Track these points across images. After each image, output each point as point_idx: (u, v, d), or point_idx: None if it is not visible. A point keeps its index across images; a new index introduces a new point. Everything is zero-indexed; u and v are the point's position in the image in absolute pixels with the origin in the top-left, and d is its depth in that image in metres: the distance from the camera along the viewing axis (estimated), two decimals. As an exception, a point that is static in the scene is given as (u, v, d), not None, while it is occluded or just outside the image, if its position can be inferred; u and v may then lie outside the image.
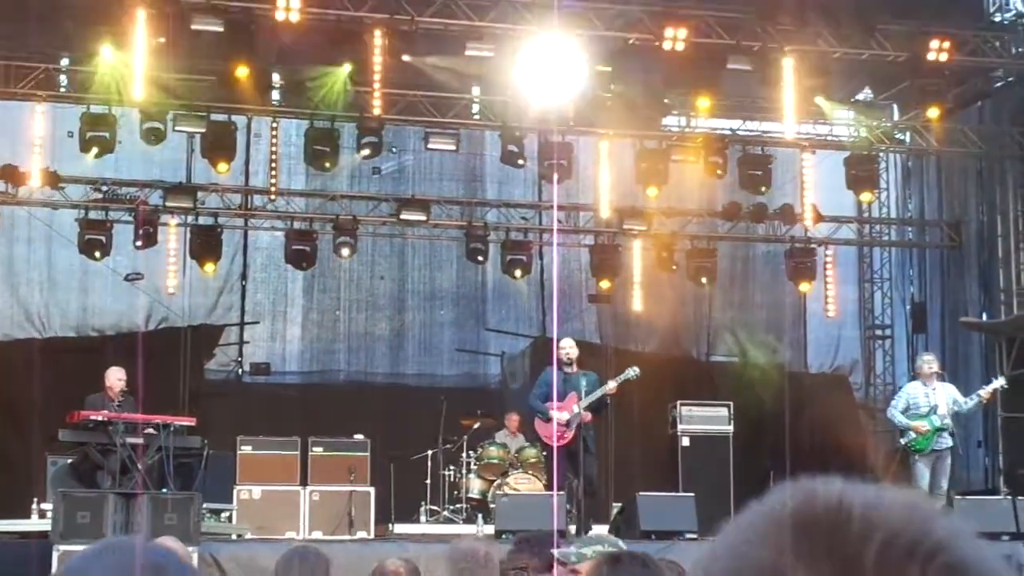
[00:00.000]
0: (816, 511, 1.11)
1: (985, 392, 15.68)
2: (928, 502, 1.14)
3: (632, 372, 15.27)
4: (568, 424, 14.94)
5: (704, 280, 22.02)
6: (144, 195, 20.76)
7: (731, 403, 18.22)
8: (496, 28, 18.39)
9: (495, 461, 17.58)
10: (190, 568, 2.08)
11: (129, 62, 17.87)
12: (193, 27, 17.52)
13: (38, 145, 19.61)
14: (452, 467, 17.92)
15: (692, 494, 15.47)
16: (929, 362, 15.77)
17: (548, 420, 15.07)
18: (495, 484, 17.18)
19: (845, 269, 23.94)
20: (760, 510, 1.14)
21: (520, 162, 20.73)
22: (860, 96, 23.06)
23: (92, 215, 20.40)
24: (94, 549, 2.01)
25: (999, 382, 16.00)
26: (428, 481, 17.85)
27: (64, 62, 19.88)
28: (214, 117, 19.67)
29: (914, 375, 16.83)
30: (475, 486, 17.60)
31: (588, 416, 14.96)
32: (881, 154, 22.90)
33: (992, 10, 21.25)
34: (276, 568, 6.31)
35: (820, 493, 1.13)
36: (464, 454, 17.75)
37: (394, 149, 21.87)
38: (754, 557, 1.09)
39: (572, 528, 14.53)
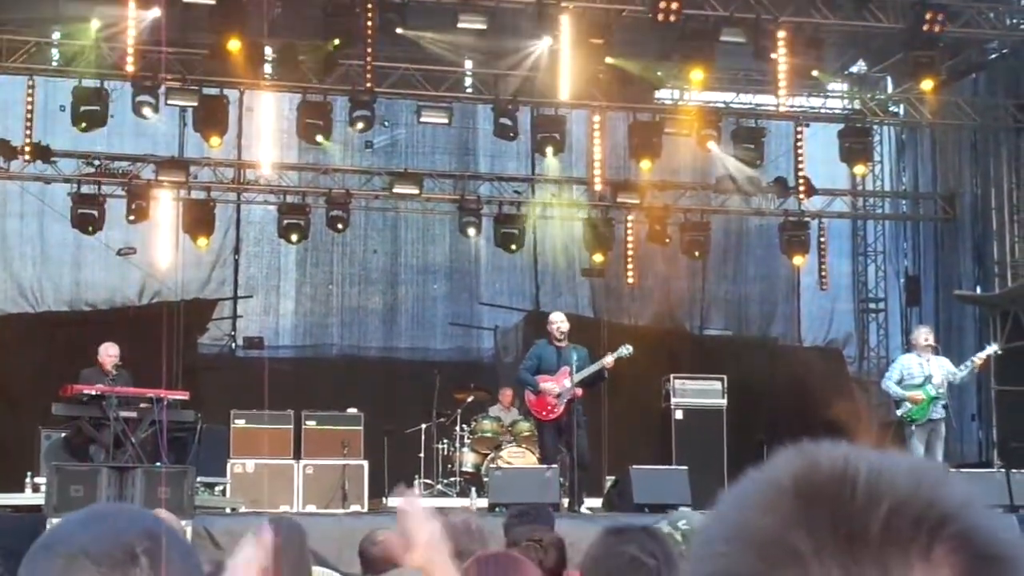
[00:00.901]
0: (820, 478, 1.07)
1: (978, 358, 15.68)
2: (935, 468, 1.11)
3: (625, 350, 15.21)
4: (559, 397, 14.92)
5: (697, 253, 22.01)
6: (136, 169, 20.72)
7: (724, 376, 18.21)
8: (489, 1, 18.33)
9: (488, 435, 17.59)
10: (182, 536, 2.06)
11: (120, 36, 17.81)
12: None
13: (30, 119, 19.55)
14: (445, 440, 17.92)
15: (685, 467, 15.46)
16: (925, 334, 15.76)
17: (537, 393, 15.05)
18: (488, 458, 17.19)
19: (839, 242, 23.93)
20: (761, 477, 1.11)
21: (512, 135, 20.69)
22: (854, 68, 23.06)
23: (84, 189, 20.35)
24: (82, 514, 1.99)
25: (992, 348, 16.01)
26: (422, 455, 17.85)
27: (56, 36, 19.81)
28: (206, 91, 19.61)
29: (908, 347, 16.82)
30: (469, 459, 17.60)
31: (579, 391, 14.94)
32: (875, 127, 22.87)
33: (986, -18, 21.21)
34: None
35: (823, 460, 1.09)
36: (457, 428, 17.75)
37: (386, 123, 21.81)
38: (756, 526, 1.06)
39: (565, 501, 14.54)
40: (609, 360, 15.07)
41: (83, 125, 19.13)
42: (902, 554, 1.03)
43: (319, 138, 20.08)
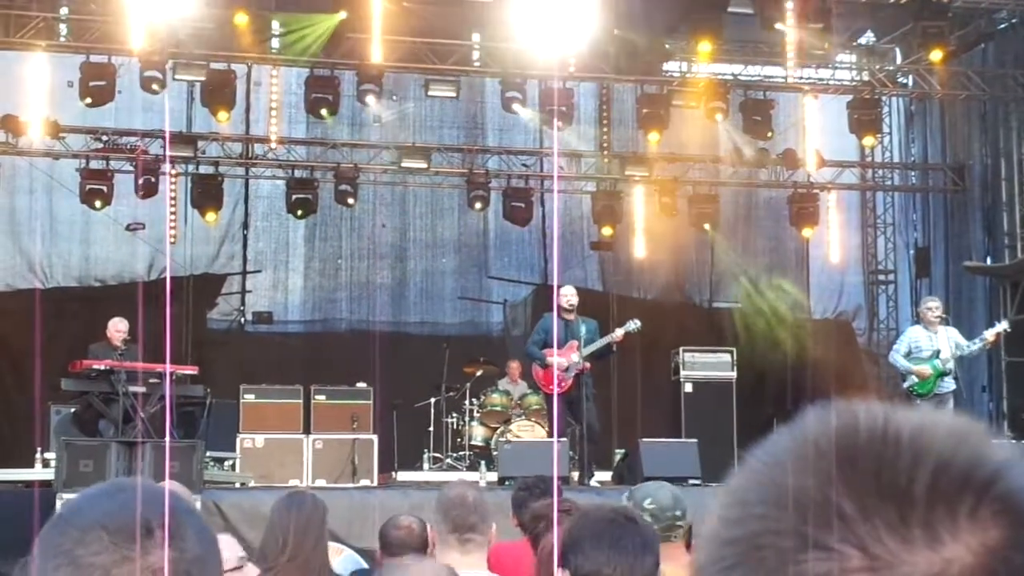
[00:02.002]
0: (860, 437, 1.05)
1: (989, 334, 15.63)
2: (975, 427, 1.09)
3: (633, 325, 15.21)
4: (567, 371, 14.92)
5: (706, 226, 21.99)
6: (144, 144, 20.71)
7: (734, 349, 18.21)
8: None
9: (497, 408, 17.61)
10: (197, 512, 2.07)
11: (128, 9, 17.77)
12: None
13: (38, 95, 19.53)
14: (455, 414, 17.94)
15: (695, 440, 15.48)
16: (933, 307, 15.70)
17: (546, 367, 15.05)
18: (497, 431, 17.21)
19: (848, 214, 23.87)
20: (798, 436, 1.09)
21: (519, 108, 20.64)
22: (862, 39, 22.97)
23: (93, 165, 20.35)
24: (100, 488, 2.00)
25: (1002, 325, 15.95)
26: (431, 429, 17.89)
27: (63, 11, 19.78)
28: (214, 65, 19.58)
29: (917, 319, 16.79)
30: (478, 433, 17.63)
31: (587, 364, 14.93)
32: (884, 98, 22.78)
33: (996, -49, 21.13)
34: (271, 514, 6.27)
35: (863, 418, 1.07)
36: (466, 401, 17.77)
37: (394, 97, 21.77)
38: (795, 487, 1.04)
39: (575, 475, 14.56)
40: (618, 334, 15.06)
41: (90, 100, 19.10)
42: (949, 514, 1.01)
43: (324, 112, 20.04)
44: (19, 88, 19.78)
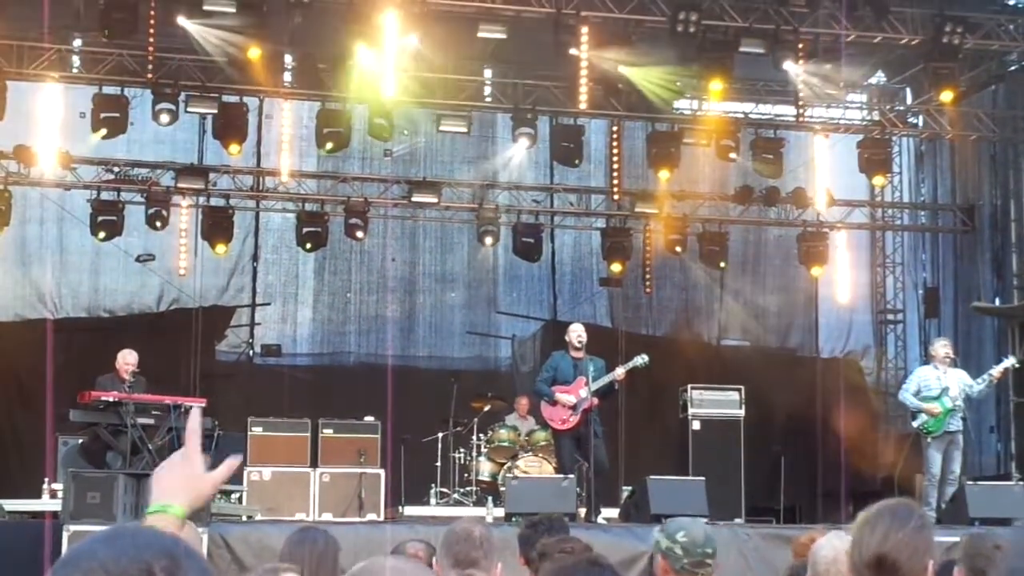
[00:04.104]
0: None
1: (996, 371, 15.63)
2: None
3: (641, 360, 15.19)
4: (575, 408, 14.91)
5: (716, 264, 22.00)
6: (156, 176, 20.77)
7: (742, 387, 18.19)
8: (509, 10, 18.34)
9: (505, 444, 17.58)
10: (199, 554, 2.08)
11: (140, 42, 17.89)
12: (205, 7, 17.54)
13: (50, 126, 19.60)
14: (462, 449, 17.92)
15: (703, 478, 15.40)
16: (944, 346, 15.71)
17: (553, 403, 15.05)
18: (505, 467, 17.18)
19: (857, 253, 23.87)
20: None
21: (530, 144, 20.72)
22: (873, 79, 23.02)
23: (104, 196, 20.40)
24: (104, 533, 2.02)
25: (1010, 361, 15.94)
26: (438, 463, 17.87)
27: (77, 43, 19.88)
28: (226, 98, 19.66)
29: (927, 359, 16.79)
30: (485, 469, 17.60)
31: (595, 400, 14.93)
32: (894, 138, 22.81)
33: (1007, -7, 21.20)
34: (284, 549, 6.28)
35: None
36: (474, 437, 17.76)
37: (405, 131, 21.84)
38: None
39: (582, 511, 14.53)
40: (620, 372, 15.05)
41: (103, 132, 19.18)
42: None
43: (329, 146, 20.09)
44: (32, 119, 19.85)
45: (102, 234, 20.06)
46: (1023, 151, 21.91)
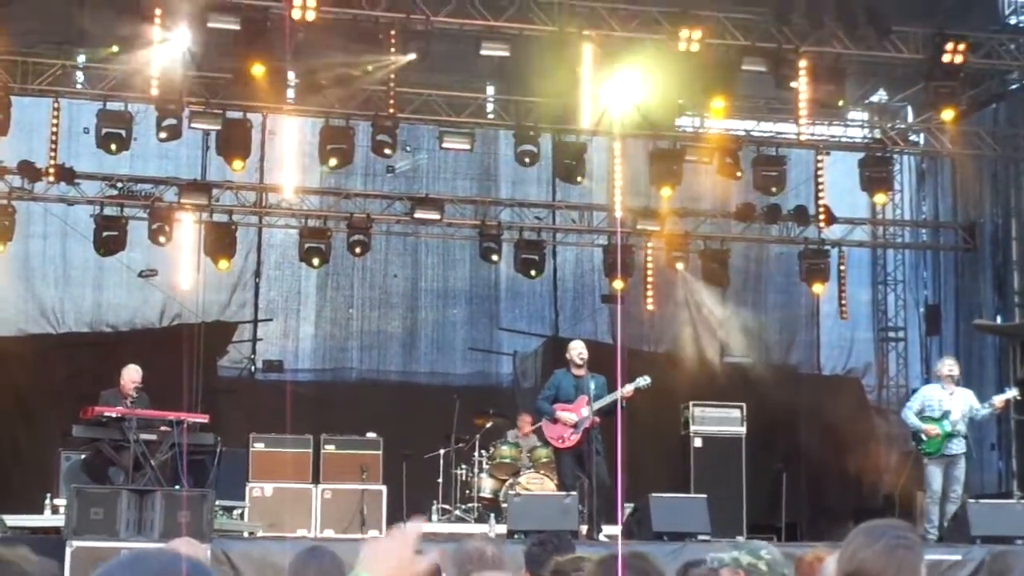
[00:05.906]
0: None
1: (998, 401, 15.61)
2: None
3: (643, 381, 15.16)
4: (576, 426, 14.92)
5: (718, 281, 22.02)
6: (159, 192, 20.81)
7: (744, 404, 18.20)
8: (511, 28, 18.39)
9: (507, 460, 17.59)
10: (210, 573, 2.11)
11: (145, 59, 17.93)
12: (209, 25, 17.56)
13: (54, 141, 19.64)
14: (464, 466, 17.92)
15: (704, 495, 15.41)
16: (950, 366, 15.68)
17: (554, 421, 15.06)
18: (507, 484, 17.18)
19: (859, 271, 23.91)
20: None
21: (529, 161, 20.75)
22: (875, 98, 23.06)
23: (107, 211, 20.43)
24: (126, 557, 2.04)
25: (1012, 393, 15.90)
26: (440, 480, 17.86)
27: (81, 59, 19.93)
28: (229, 114, 19.71)
29: (928, 378, 16.79)
30: (487, 485, 17.60)
31: (596, 419, 14.94)
32: (895, 156, 22.85)
33: (1007, 13, 21.23)
34: (291, 568, 6.29)
35: None
36: (476, 453, 17.76)
37: (408, 148, 21.88)
38: None
39: (583, 528, 14.53)
40: (629, 389, 15.03)
41: (108, 148, 19.22)
42: None
43: (332, 162, 20.12)
44: (36, 134, 19.91)
45: (105, 249, 20.10)
46: (1024, 169, 21.96)
